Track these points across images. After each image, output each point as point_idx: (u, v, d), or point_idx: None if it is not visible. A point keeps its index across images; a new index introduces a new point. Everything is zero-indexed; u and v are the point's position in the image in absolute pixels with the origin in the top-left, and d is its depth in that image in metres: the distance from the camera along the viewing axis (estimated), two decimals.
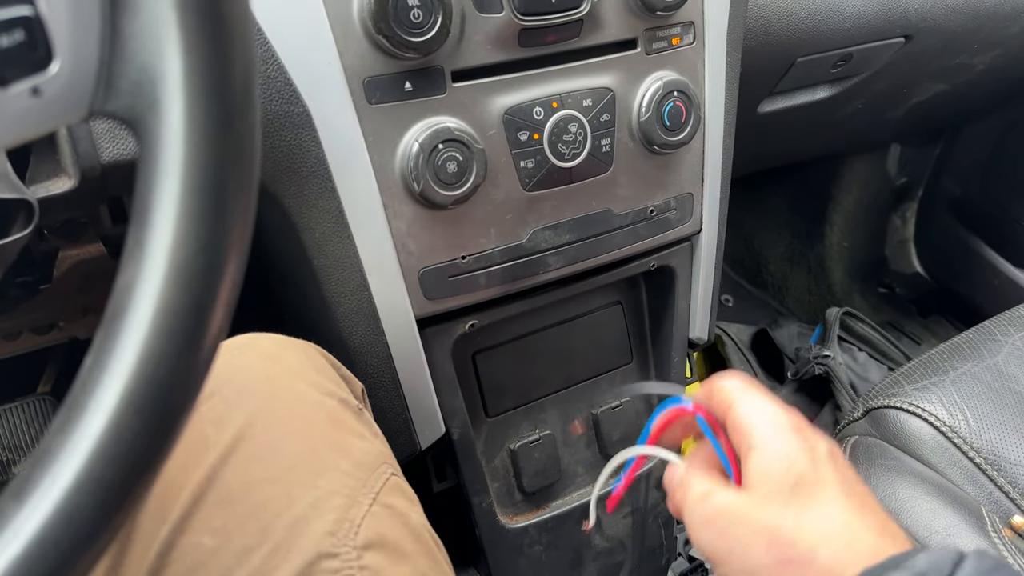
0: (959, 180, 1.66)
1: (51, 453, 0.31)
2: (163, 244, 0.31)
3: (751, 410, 0.45)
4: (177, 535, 0.48)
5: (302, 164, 0.65)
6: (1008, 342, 0.94)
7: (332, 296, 0.70)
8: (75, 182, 0.58)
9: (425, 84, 0.66)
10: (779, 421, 0.44)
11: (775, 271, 1.85)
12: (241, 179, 0.33)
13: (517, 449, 0.85)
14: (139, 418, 0.31)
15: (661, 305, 0.90)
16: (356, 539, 0.49)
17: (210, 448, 0.50)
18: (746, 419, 0.45)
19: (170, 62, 0.31)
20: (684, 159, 0.80)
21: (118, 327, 0.31)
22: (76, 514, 0.30)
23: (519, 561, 0.87)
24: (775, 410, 0.45)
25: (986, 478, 0.81)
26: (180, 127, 0.31)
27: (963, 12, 1.06)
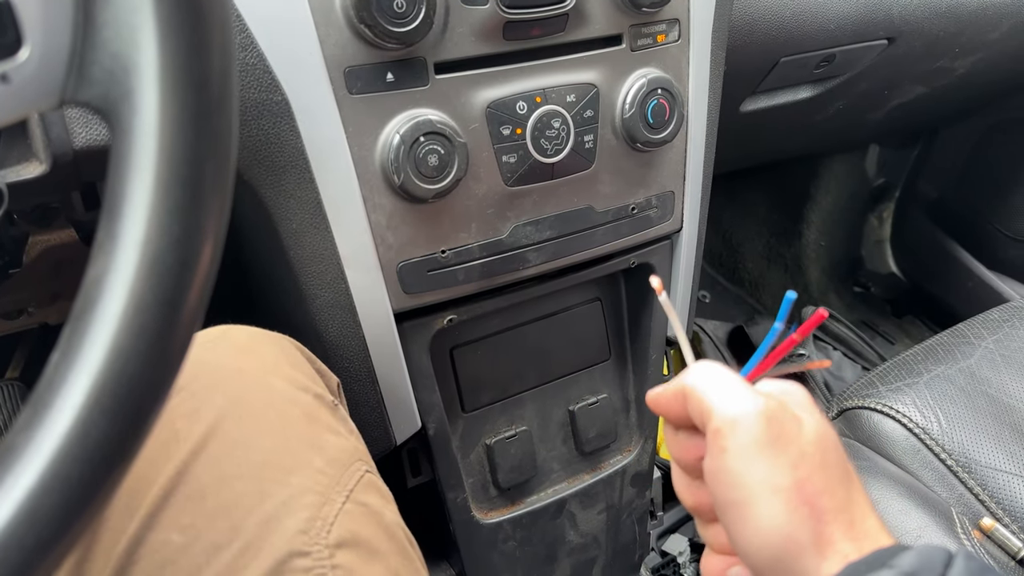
0: (936, 182, 1.68)
1: (15, 451, 0.30)
2: (135, 238, 0.30)
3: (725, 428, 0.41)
4: (145, 531, 0.47)
5: (280, 154, 0.64)
6: (981, 345, 0.95)
7: (308, 288, 0.69)
8: (46, 168, 0.57)
9: (407, 75, 0.65)
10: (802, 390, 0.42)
11: (752, 268, 1.86)
12: (216, 172, 0.32)
13: (493, 445, 0.85)
14: (107, 417, 0.30)
15: (640, 302, 0.90)
16: (328, 537, 0.48)
17: (180, 443, 0.49)
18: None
19: (145, 51, 0.30)
20: (666, 157, 0.80)
21: (86, 322, 0.30)
22: (40, 514, 0.29)
23: (493, 556, 0.87)
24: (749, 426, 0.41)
25: (957, 480, 0.82)
26: (154, 118, 0.30)
27: (946, 16, 1.06)
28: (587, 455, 0.91)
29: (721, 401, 0.41)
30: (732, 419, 0.40)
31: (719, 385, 0.42)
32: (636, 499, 0.96)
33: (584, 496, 0.90)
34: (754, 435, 0.39)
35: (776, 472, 0.38)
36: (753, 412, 0.40)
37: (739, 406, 0.40)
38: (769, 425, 0.39)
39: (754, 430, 0.39)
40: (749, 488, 0.39)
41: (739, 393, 0.41)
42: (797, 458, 0.39)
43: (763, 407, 0.40)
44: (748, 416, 0.40)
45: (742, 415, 0.40)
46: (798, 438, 0.40)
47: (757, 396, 0.41)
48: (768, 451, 0.39)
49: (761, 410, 0.40)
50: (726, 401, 0.41)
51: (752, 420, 0.39)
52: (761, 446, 0.39)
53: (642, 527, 0.99)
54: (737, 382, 0.42)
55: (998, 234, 1.56)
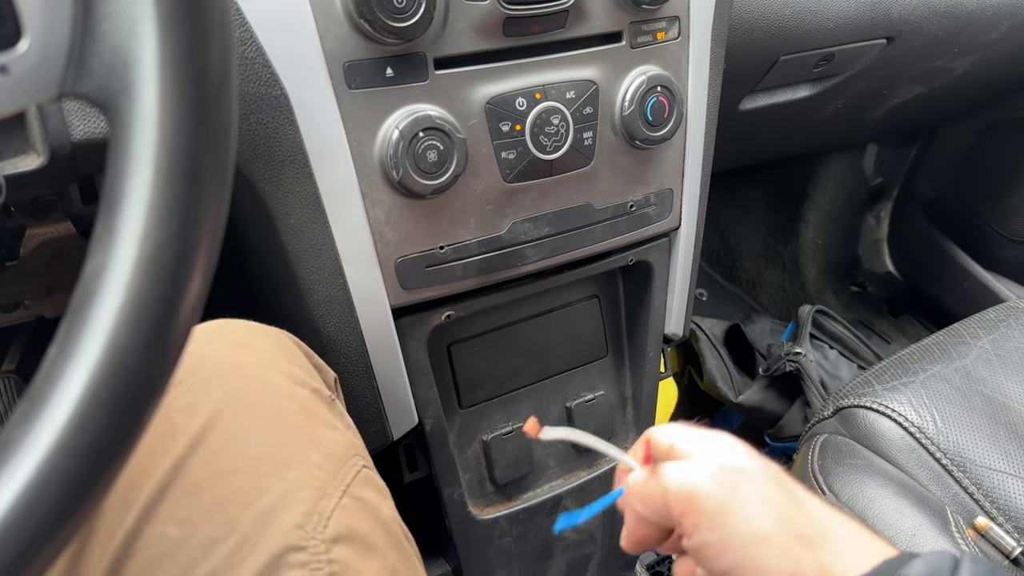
0: (933, 182, 1.68)
1: (12, 445, 0.30)
2: (133, 232, 0.30)
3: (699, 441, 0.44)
4: (142, 525, 0.47)
5: (278, 148, 0.64)
6: (977, 345, 0.95)
7: (306, 283, 0.69)
8: (44, 160, 0.57)
9: (407, 70, 0.65)
10: (732, 442, 0.43)
11: (750, 267, 1.86)
12: (216, 166, 0.32)
13: (490, 441, 0.85)
14: (104, 410, 0.30)
15: (638, 300, 0.90)
16: (325, 532, 0.48)
17: (177, 437, 0.49)
18: (698, 448, 0.44)
19: (145, 44, 0.30)
20: (665, 155, 0.80)
21: (84, 316, 0.30)
22: (37, 507, 0.29)
23: (488, 552, 0.87)
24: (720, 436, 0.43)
25: (952, 479, 0.82)
26: (154, 112, 0.30)
27: (945, 16, 1.06)
28: (583, 452, 0.92)
29: (673, 482, 0.42)
30: (688, 496, 0.41)
31: (671, 465, 0.43)
32: None
33: (580, 492, 0.90)
34: (716, 501, 0.40)
35: (753, 524, 0.39)
36: (708, 478, 0.41)
37: (688, 480, 0.41)
38: (722, 487, 0.40)
39: (712, 496, 0.40)
40: (736, 550, 0.39)
41: (686, 466, 0.42)
42: (763, 504, 0.40)
43: (710, 472, 0.41)
44: (702, 486, 0.41)
45: (695, 489, 0.41)
46: (754, 485, 0.41)
47: (699, 465, 0.42)
48: (734, 507, 0.40)
49: (709, 475, 0.41)
50: (677, 480, 0.42)
51: (708, 488, 0.40)
52: (724, 506, 0.40)
53: None
54: (684, 452, 0.43)
55: (995, 234, 1.56)
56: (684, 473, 0.42)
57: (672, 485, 0.42)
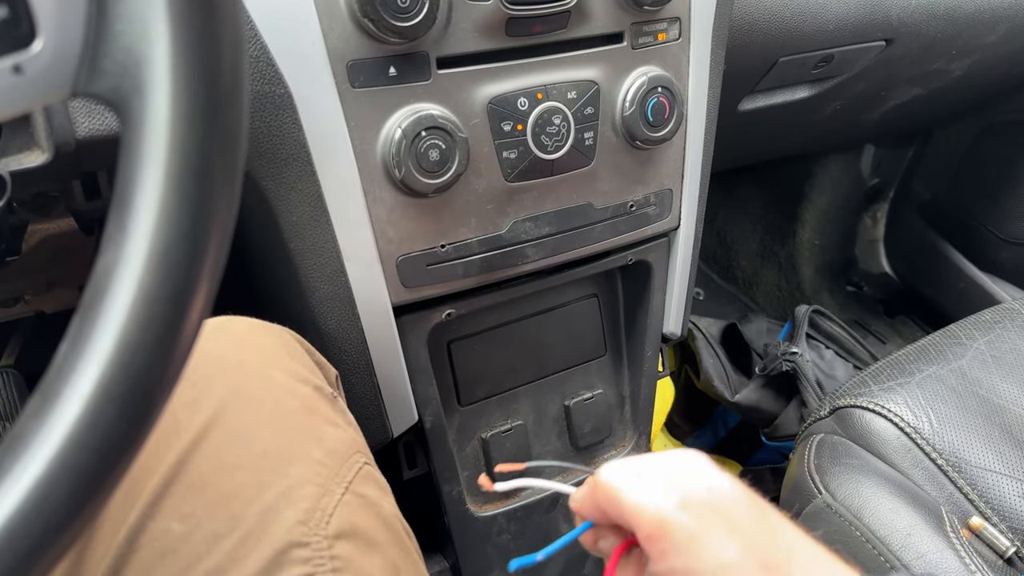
0: (929, 183, 1.69)
1: (24, 439, 0.30)
2: (145, 229, 0.31)
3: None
4: (146, 520, 0.47)
5: (282, 146, 0.64)
6: (973, 346, 0.95)
7: (308, 281, 0.70)
8: (48, 156, 0.57)
9: (410, 70, 0.65)
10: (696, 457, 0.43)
11: (746, 266, 1.87)
12: (226, 166, 0.32)
13: (489, 439, 0.85)
14: (115, 406, 0.30)
15: (636, 299, 0.90)
16: (327, 528, 0.49)
17: (181, 433, 0.50)
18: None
19: (157, 44, 0.30)
20: (665, 155, 0.81)
21: (96, 312, 0.31)
22: (48, 502, 0.29)
23: (487, 549, 0.88)
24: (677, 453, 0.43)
25: (947, 479, 0.83)
26: (166, 112, 0.30)
27: (943, 19, 1.07)
28: (582, 450, 0.92)
29: (640, 505, 0.41)
30: (657, 521, 0.40)
31: (634, 488, 0.42)
32: None
33: None
34: (684, 528, 0.39)
35: (720, 550, 0.39)
36: (675, 506, 0.40)
37: (657, 505, 0.40)
38: (692, 511, 0.40)
39: (683, 523, 0.40)
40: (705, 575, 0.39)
41: (654, 491, 0.41)
42: (729, 529, 0.39)
43: (679, 498, 0.40)
44: (671, 513, 0.40)
45: (665, 516, 0.40)
46: (721, 509, 0.40)
47: (668, 489, 0.41)
48: (703, 535, 0.39)
49: (679, 502, 0.40)
50: (645, 504, 0.41)
51: (677, 515, 0.40)
52: (692, 536, 0.39)
53: None
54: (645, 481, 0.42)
55: (990, 236, 1.57)
56: (652, 498, 0.41)
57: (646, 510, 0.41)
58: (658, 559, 0.40)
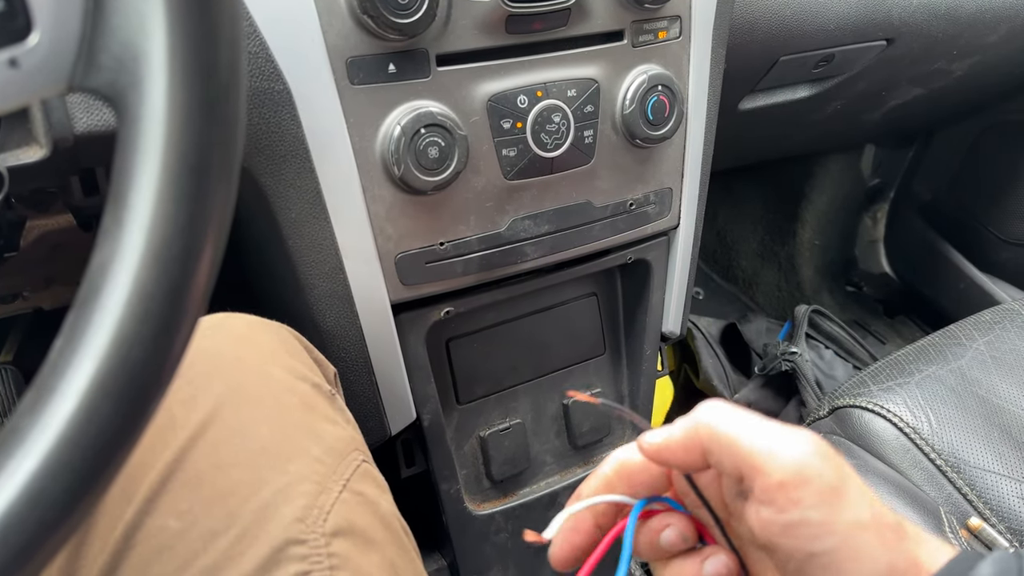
0: (930, 184, 1.69)
1: (18, 434, 0.30)
2: (141, 225, 0.30)
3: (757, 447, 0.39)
4: (143, 517, 0.47)
5: (280, 143, 0.64)
6: (972, 346, 0.95)
7: (306, 278, 0.70)
8: (46, 152, 0.57)
9: (409, 67, 0.65)
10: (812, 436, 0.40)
11: (746, 266, 1.87)
12: (223, 161, 0.32)
13: (487, 437, 0.85)
14: (110, 402, 0.30)
15: (636, 298, 0.90)
16: (325, 526, 0.49)
17: (178, 430, 0.50)
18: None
19: (154, 39, 0.30)
20: (665, 154, 0.80)
21: (91, 307, 0.31)
22: (42, 497, 0.29)
23: (484, 547, 0.88)
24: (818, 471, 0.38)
25: (946, 480, 0.83)
26: (162, 107, 0.30)
27: (945, 18, 1.07)
28: (580, 449, 0.92)
29: (774, 450, 0.37)
30: (797, 467, 0.37)
31: (759, 431, 0.38)
32: None
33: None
34: (825, 479, 0.37)
35: (855, 509, 0.37)
36: (816, 455, 0.37)
37: (797, 451, 0.37)
38: (832, 464, 0.37)
39: (824, 473, 0.37)
40: (838, 534, 0.37)
41: (788, 437, 0.38)
42: (860, 489, 0.37)
43: (819, 447, 0.37)
44: (813, 461, 0.37)
45: (806, 462, 0.37)
46: (849, 468, 0.38)
47: (806, 436, 0.38)
48: (845, 489, 0.37)
49: (821, 451, 0.37)
50: (780, 448, 0.37)
51: (819, 464, 0.37)
52: (834, 488, 0.37)
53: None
54: (772, 424, 0.39)
55: (991, 236, 1.57)
56: (790, 442, 0.37)
57: (783, 454, 0.37)
58: (788, 508, 0.37)
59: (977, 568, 0.36)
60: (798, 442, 0.38)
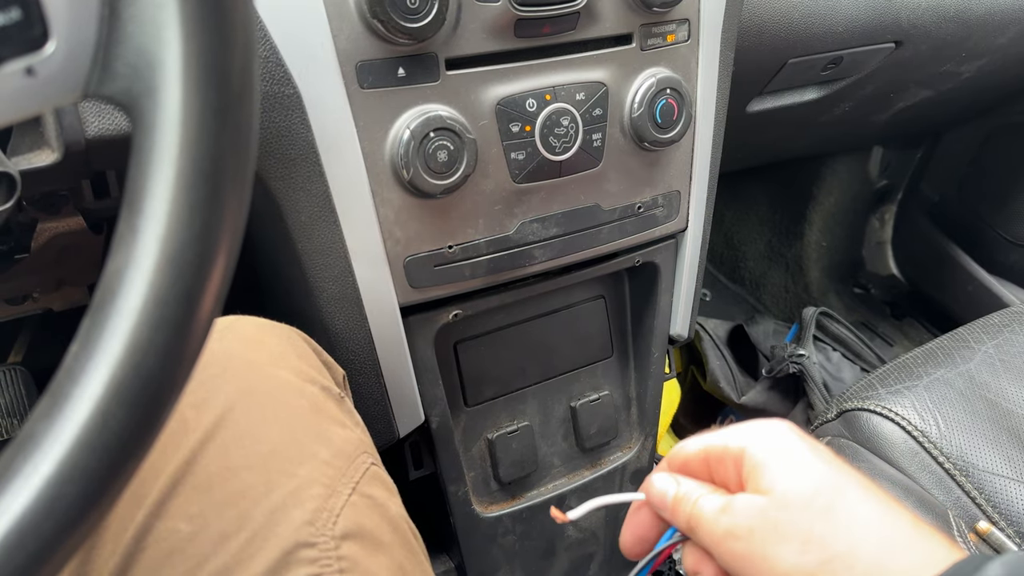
0: (938, 185, 1.68)
1: (34, 439, 0.30)
2: (156, 231, 0.31)
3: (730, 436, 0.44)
4: (153, 519, 0.47)
5: (290, 146, 0.65)
6: (981, 349, 0.95)
7: (316, 281, 0.70)
8: (58, 156, 0.57)
9: (418, 71, 0.65)
10: (772, 428, 0.42)
11: (753, 268, 1.87)
12: (237, 168, 0.32)
13: (495, 439, 0.85)
14: (125, 408, 0.30)
15: (644, 301, 0.90)
16: (334, 529, 0.49)
17: (189, 432, 0.50)
18: (732, 443, 0.43)
19: (169, 47, 0.30)
20: (673, 156, 0.80)
21: (106, 313, 0.31)
22: (58, 503, 0.30)
23: (492, 550, 0.88)
24: (757, 423, 0.43)
25: (954, 483, 0.83)
26: (177, 114, 0.30)
27: (954, 21, 1.06)
28: (588, 451, 0.92)
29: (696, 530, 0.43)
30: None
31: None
32: None
33: (584, 492, 0.91)
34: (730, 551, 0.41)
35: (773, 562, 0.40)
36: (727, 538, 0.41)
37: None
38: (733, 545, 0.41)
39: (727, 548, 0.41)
40: None
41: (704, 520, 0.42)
42: (778, 539, 0.40)
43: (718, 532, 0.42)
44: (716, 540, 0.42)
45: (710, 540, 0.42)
46: (766, 523, 0.41)
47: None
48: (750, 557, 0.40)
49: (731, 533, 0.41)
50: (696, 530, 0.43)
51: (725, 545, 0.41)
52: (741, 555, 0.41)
53: None
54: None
55: (999, 238, 1.56)
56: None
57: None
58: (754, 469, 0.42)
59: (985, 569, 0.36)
60: (711, 536, 0.42)
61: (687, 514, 0.43)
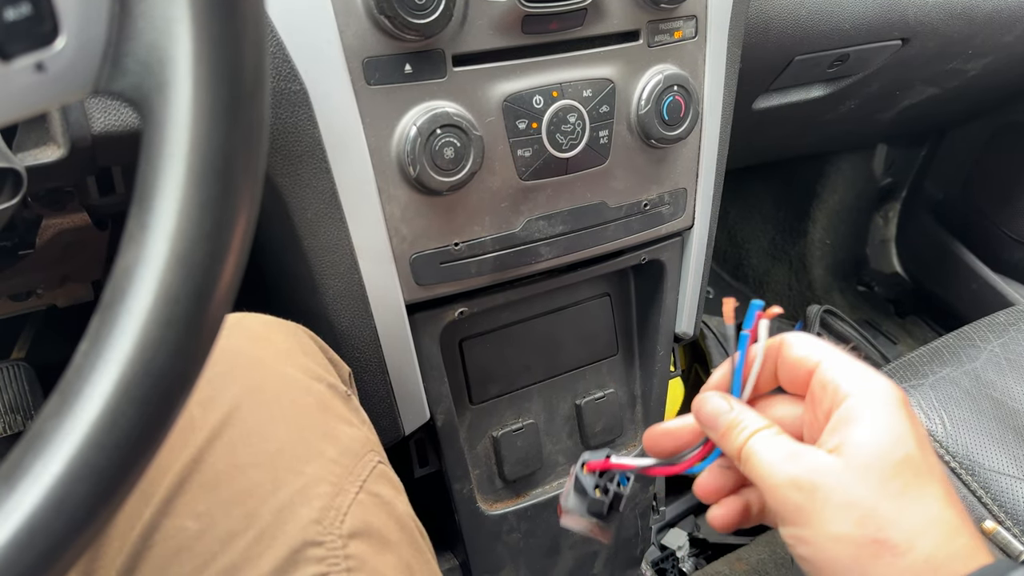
0: (942, 183, 1.68)
1: (44, 437, 0.30)
2: (166, 229, 0.30)
3: (849, 374, 0.42)
4: (160, 518, 0.47)
5: (297, 143, 0.64)
6: (987, 348, 0.95)
7: (322, 278, 0.70)
8: (64, 152, 0.57)
9: (425, 67, 0.65)
10: (887, 392, 0.41)
11: (757, 265, 1.86)
12: (248, 165, 0.32)
13: (500, 437, 0.85)
14: (135, 406, 0.30)
15: (649, 298, 0.90)
16: (342, 527, 0.49)
17: (196, 430, 0.50)
18: (845, 383, 0.41)
19: (180, 43, 0.30)
20: (680, 154, 0.80)
21: (116, 311, 0.31)
22: (68, 501, 0.29)
23: (497, 547, 0.88)
24: (879, 379, 0.41)
25: (960, 482, 0.82)
26: (187, 111, 0.30)
27: (960, 18, 1.06)
28: (592, 449, 0.92)
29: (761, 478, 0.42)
30: (773, 499, 0.41)
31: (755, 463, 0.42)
32: (639, 493, 0.96)
33: None
34: (795, 504, 0.40)
35: (828, 524, 0.39)
36: (785, 484, 0.41)
37: (772, 481, 0.41)
38: (801, 490, 0.41)
39: (793, 500, 0.41)
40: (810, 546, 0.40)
41: (767, 466, 0.42)
42: (846, 504, 0.40)
43: (790, 477, 0.41)
44: (781, 490, 0.41)
45: (777, 492, 0.41)
46: (844, 478, 0.40)
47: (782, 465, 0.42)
48: (808, 509, 0.40)
49: (790, 480, 0.41)
50: (763, 477, 0.42)
51: (786, 492, 0.41)
52: (805, 510, 0.40)
53: (644, 521, 0.99)
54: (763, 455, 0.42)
55: (1004, 236, 1.56)
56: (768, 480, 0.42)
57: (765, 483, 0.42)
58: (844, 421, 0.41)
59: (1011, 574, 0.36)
60: (771, 476, 0.41)
61: (740, 444, 0.43)
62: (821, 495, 0.39)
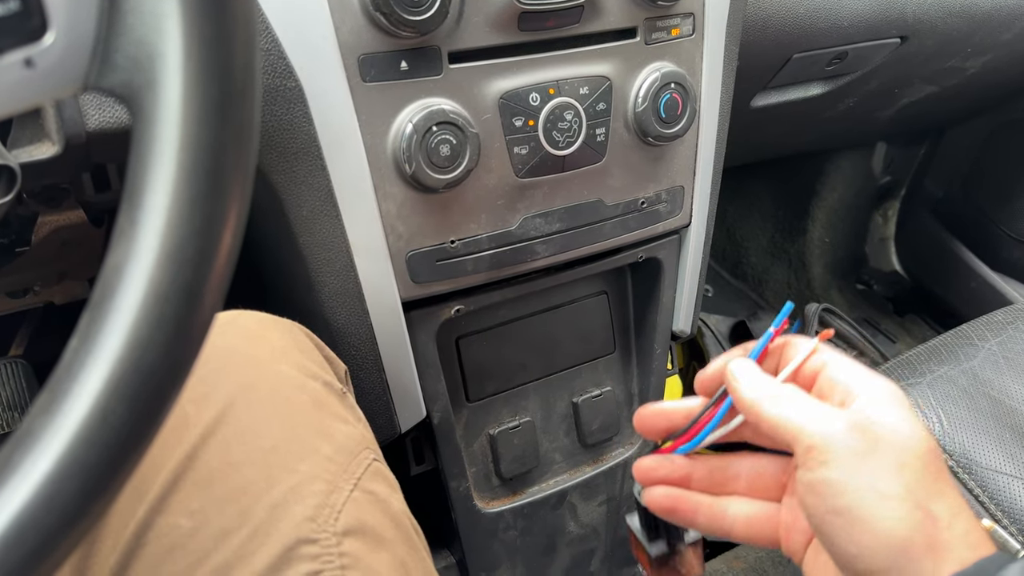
0: (941, 182, 1.68)
1: (33, 435, 0.30)
2: (155, 226, 0.30)
3: (856, 375, 0.43)
4: (154, 515, 0.47)
5: (292, 140, 0.64)
6: (985, 347, 0.95)
7: (317, 276, 0.69)
8: (59, 149, 0.57)
9: (421, 64, 0.65)
10: (894, 394, 0.42)
11: (756, 263, 1.86)
12: (238, 162, 0.32)
13: (496, 435, 0.85)
14: (124, 403, 0.30)
15: (646, 296, 0.90)
16: (336, 525, 0.49)
17: (190, 428, 0.49)
18: (855, 384, 0.42)
19: (170, 39, 0.30)
20: (677, 152, 0.80)
21: (106, 309, 0.30)
22: (57, 498, 0.29)
23: (493, 545, 0.88)
24: (885, 380, 0.42)
25: (957, 480, 0.82)
26: (177, 107, 0.30)
27: (959, 16, 1.06)
28: (589, 447, 0.92)
29: (808, 420, 0.42)
30: (823, 436, 0.41)
31: (800, 404, 0.42)
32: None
33: (585, 488, 0.91)
34: (851, 447, 0.40)
35: (880, 479, 0.39)
36: (844, 427, 0.40)
37: (824, 426, 0.41)
38: (864, 435, 0.40)
39: (850, 442, 0.40)
40: (856, 493, 0.39)
41: (820, 414, 0.42)
42: (898, 466, 0.39)
43: (852, 420, 0.41)
44: (839, 431, 0.40)
45: (832, 433, 0.40)
46: (895, 446, 0.40)
47: (840, 411, 0.42)
48: (867, 458, 0.40)
49: (852, 423, 0.40)
50: (810, 424, 0.41)
51: (845, 435, 0.40)
52: (860, 455, 0.40)
53: None
54: (812, 400, 0.43)
55: (1003, 235, 1.56)
56: (821, 419, 0.41)
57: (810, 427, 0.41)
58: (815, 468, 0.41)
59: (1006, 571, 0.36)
60: (828, 419, 0.41)
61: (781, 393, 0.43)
62: (882, 447, 0.40)
